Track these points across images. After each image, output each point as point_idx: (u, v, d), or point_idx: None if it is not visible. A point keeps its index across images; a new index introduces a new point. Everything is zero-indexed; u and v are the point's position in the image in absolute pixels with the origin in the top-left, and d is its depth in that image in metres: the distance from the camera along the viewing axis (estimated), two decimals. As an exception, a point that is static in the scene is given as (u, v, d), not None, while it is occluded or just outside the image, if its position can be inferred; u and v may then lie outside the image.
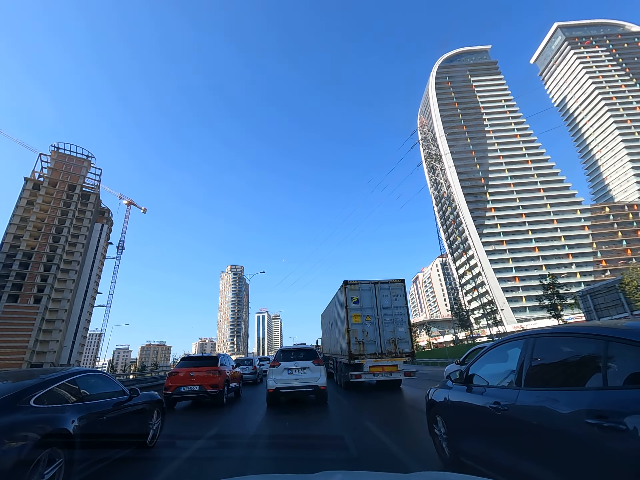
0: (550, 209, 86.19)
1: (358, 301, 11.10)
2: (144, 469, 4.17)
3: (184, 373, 9.27)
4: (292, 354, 9.35)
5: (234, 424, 6.92)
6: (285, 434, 5.70)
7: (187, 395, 9.11)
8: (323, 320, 19.03)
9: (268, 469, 3.95)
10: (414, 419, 6.64)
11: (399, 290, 11.34)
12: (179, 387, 9.05)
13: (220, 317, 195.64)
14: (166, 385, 9.18)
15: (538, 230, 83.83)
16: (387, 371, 10.48)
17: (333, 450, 4.62)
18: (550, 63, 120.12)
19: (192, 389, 9.00)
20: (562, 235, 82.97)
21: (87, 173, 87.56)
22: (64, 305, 73.92)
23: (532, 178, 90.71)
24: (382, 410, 7.73)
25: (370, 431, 5.48)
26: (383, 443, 4.68)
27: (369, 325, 10.86)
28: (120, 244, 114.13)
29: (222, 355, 10.82)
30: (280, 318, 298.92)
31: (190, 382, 9.08)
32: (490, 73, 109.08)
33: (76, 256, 79.73)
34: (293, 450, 4.86)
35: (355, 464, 3.85)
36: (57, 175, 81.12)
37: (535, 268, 79.63)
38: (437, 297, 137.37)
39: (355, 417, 6.99)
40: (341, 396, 10.28)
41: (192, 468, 4.04)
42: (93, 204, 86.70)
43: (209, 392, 8.95)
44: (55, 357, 69.48)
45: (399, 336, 10.80)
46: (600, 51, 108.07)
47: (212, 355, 10.41)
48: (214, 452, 4.89)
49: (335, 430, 5.86)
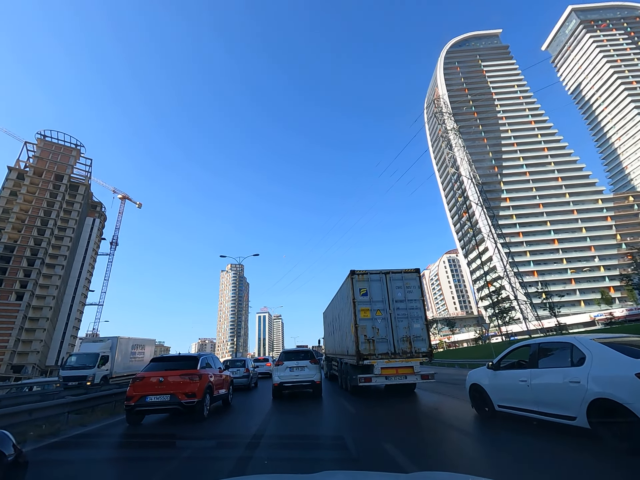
0: (569, 199, 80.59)
1: (367, 293, 9.97)
2: None
3: (153, 378, 7.34)
4: (293, 354, 10.88)
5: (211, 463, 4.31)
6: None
7: (153, 408, 7.16)
8: (326, 318, 17.94)
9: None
10: (446, 438, 5.13)
11: (413, 281, 10.17)
12: (145, 397, 7.11)
13: (220, 317, 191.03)
14: (128, 394, 7.21)
15: (557, 221, 78.19)
16: (401, 374, 9.31)
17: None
18: (564, 48, 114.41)
19: (161, 399, 7.10)
20: (583, 227, 77.33)
21: (75, 163, 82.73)
22: (49, 302, 68.95)
23: (549, 166, 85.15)
24: (401, 424, 6.31)
25: (394, 460, 3.89)
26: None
27: (380, 320, 9.75)
28: (114, 239, 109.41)
29: (205, 355, 8.83)
30: (281, 318, 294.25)
31: (159, 390, 7.20)
32: (502, 58, 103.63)
33: (63, 250, 74.78)
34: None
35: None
36: (43, 165, 76.31)
37: (555, 262, 73.95)
38: (445, 295, 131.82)
39: (368, 434, 5.56)
40: (348, 403, 9.01)
41: None
42: (82, 195, 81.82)
43: (183, 403, 7.06)
44: (38, 358, 64.43)
45: (415, 333, 9.70)
46: (617, 34, 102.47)
47: (191, 355, 8.51)
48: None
49: (345, 453, 4.33)
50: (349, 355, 10.47)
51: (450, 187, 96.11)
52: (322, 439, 5.45)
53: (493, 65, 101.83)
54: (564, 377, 4.31)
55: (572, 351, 4.43)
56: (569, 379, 4.22)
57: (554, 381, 4.49)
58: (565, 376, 4.30)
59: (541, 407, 4.64)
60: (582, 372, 4.07)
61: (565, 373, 4.33)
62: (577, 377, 4.10)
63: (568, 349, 4.53)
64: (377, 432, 5.71)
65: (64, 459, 5.06)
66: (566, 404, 4.22)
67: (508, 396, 5.41)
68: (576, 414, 4.06)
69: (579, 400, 3.99)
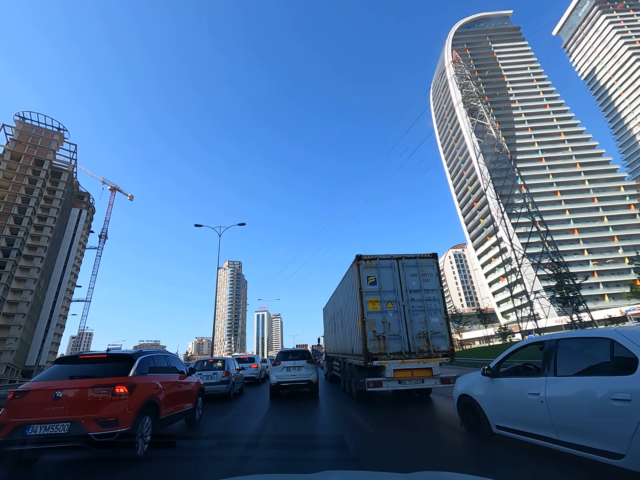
0: (589, 186, 75.12)
1: (376, 282, 8.55)
2: None
3: (44, 393, 4.37)
4: (290, 354, 10.86)
5: None
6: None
7: (40, 447, 4.05)
8: (326, 314, 16.93)
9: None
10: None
11: (430, 268, 8.76)
12: (25, 427, 4.07)
13: (217, 315, 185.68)
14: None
15: (576, 209, 72.69)
16: (417, 377, 7.86)
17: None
18: (577, 32, 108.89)
19: (54, 430, 4.02)
20: (605, 215, 71.88)
21: (58, 148, 76.99)
22: (26, 297, 63.22)
23: (567, 152, 79.66)
24: (424, 443, 4.80)
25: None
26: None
27: (392, 314, 8.33)
28: (103, 232, 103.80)
29: (150, 353, 5.67)
30: (280, 317, 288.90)
31: (52, 413, 4.16)
32: (513, 39, 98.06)
33: (43, 241, 69.01)
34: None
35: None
36: (22, 149, 70.59)
37: (575, 253, 68.40)
38: (451, 291, 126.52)
39: (387, 459, 4.02)
40: (355, 412, 7.46)
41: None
42: (65, 182, 76.05)
43: (92, 437, 4.02)
44: (13, 357, 58.74)
45: (433, 328, 8.28)
46: (635, 15, 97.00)
47: (122, 354, 5.22)
48: None
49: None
50: (354, 354, 9.29)
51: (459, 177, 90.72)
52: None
53: (504, 47, 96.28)
54: (601, 390, 2.96)
55: (612, 351, 3.05)
56: (609, 395, 2.88)
57: (583, 397, 3.13)
58: (603, 389, 2.95)
59: (563, 434, 3.28)
60: (632, 383, 2.77)
61: (603, 384, 2.99)
62: (625, 391, 2.78)
63: (605, 347, 3.12)
64: (400, 459, 4.00)
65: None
66: (605, 433, 2.89)
67: (511, 414, 4.08)
68: (623, 450, 2.72)
69: (628, 428, 2.67)
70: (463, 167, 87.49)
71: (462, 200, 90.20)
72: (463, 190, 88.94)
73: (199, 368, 10.75)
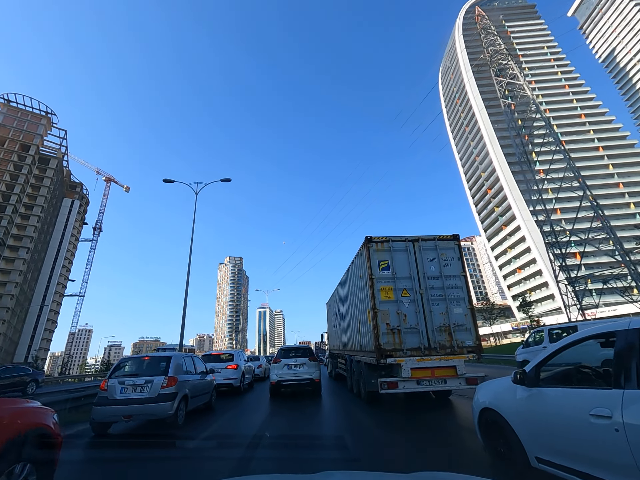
0: (613, 170, 69.88)
1: (389, 267, 7.41)
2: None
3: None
4: (291, 352, 10.37)
5: None
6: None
7: None
8: (330, 308, 15.97)
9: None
10: None
11: (450, 251, 7.55)
12: None
13: (218, 312, 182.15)
14: None
15: (601, 196, 67.36)
16: (438, 377, 6.72)
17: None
18: (595, 11, 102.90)
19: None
20: (632, 202, 66.68)
21: (46, 133, 72.76)
22: (9, 289, 59.23)
23: (588, 135, 74.32)
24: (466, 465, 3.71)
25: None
26: None
27: (408, 304, 7.16)
28: (97, 224, 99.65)
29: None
30: (282, 313, 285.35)
31: None
32: (528, 18, 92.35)
33: (29, 231, 64.90)
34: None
35: None
36: (7, 133, 66.37)
37: (600, 242, 63.29)
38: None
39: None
40: (367, 418, 6.49)
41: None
42: (54, 170, 71.88)
43: None
44: (-4, 354, 54.75)
45: (456, 320, 7.08)
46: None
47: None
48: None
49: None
50: (364, 351, 8.08)
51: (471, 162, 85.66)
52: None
53: (519, 25, 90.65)
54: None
55: None
56: None
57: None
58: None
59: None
60: None
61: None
62: None
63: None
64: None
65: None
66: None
67: (561, 444, 2.67)
68: None
69: None
70: (475, 152, 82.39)
71: (474, 188, 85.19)
72: (476, 177, 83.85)
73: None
